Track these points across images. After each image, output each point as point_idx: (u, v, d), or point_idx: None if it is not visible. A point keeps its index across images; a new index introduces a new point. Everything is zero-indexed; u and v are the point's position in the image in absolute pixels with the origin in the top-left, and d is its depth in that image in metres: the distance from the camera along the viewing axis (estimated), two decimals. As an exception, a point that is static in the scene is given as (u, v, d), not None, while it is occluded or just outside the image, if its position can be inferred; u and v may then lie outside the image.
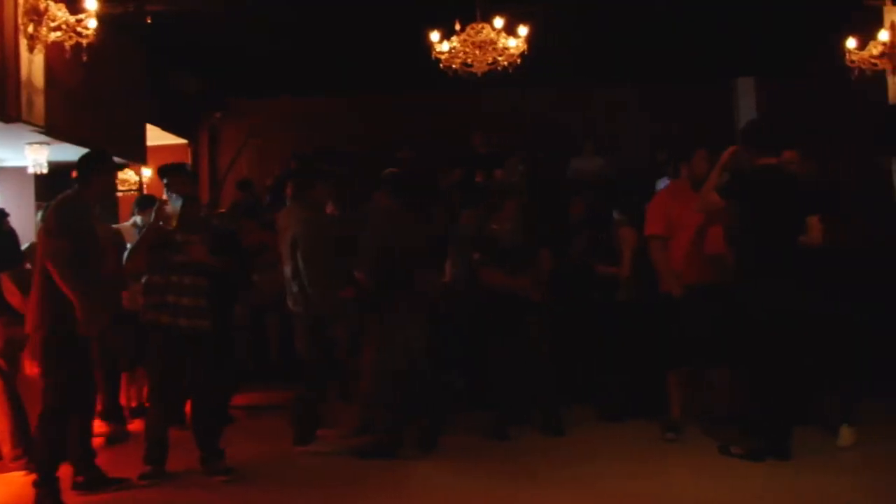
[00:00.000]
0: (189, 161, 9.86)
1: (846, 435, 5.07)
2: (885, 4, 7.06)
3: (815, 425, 5.32)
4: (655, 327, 5.49)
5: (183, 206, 4.53)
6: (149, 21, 6.96)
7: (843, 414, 5.14)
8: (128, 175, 9.30)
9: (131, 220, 6.49)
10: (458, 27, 6.81)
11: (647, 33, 9.01)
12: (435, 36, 6.97)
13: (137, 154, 7.35)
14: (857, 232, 5.19)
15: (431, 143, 9.60)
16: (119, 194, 9.10)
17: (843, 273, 5.03)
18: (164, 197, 4.65)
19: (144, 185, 8.81)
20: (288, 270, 5.47)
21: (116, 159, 5.50)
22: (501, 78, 7.24)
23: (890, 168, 7.39)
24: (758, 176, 4.90)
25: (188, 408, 5.50)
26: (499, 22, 6.76)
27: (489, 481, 4.77)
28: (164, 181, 4.72)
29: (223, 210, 9.10)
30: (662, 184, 7.83)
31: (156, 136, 9.49)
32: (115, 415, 5.89)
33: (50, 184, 7.01)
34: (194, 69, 9.47)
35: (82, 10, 5.48)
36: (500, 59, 6.93)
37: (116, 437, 5.79)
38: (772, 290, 4.72)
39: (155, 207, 4.69)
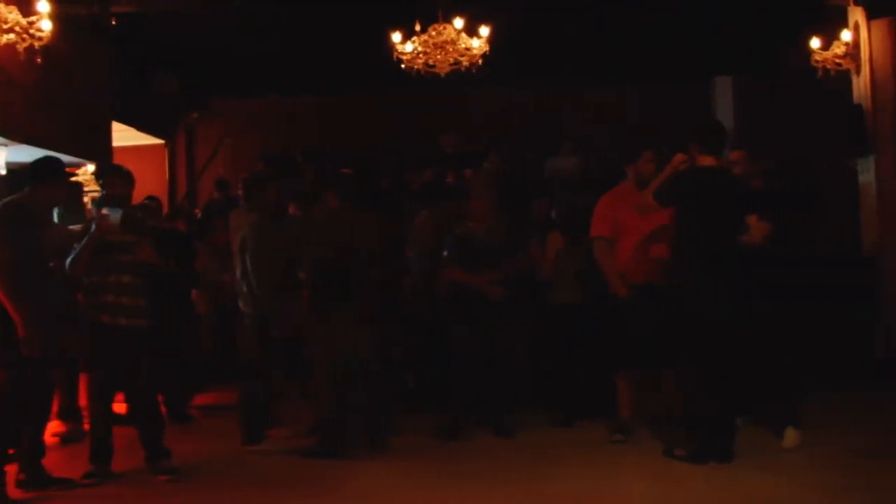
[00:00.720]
0: (166, 161, 9.93)
1: (791, 436, 5.06)
2: (848, 5, 7.05)
3: (762, 426, 5.33)
4: (606, 329, 5.48)
5: (123, 211, 4.57)
6: (113, 23, 6.99)
7: (788, 415, 5.13)
8: (101, 175, 9.36)
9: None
10: (417, 28, 6.83)
11: (625, 32, 9.03)
12: (397, 37, 7.00)
13: (101, 154, 7.39)
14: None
15: (417, 142, 9.58)
16: (94, 194, 9.18)
17: (786, 273, 5.02)
18: (104, 211, 4.67)
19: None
20: (238, 271, 5.52)
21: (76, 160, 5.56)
22: (486, 78, 7.28)
23: (855, 168, 7.36)
24: (695, 177, 4.88)
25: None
26: (459, 22, 6.78)
27: (433, 482, 4.78)
28: (100, 182, 4.75)
29: (197, 210, 9.16)
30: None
31: (132, 136, 9.57)
32: (71, 414, 5.93)
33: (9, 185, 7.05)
34: (171, 69, 9.50)
35: (35, 13, 5.51)
36: (461, 59, 6.95)
37: (72, 437, 5.82)
38: (710, 290, 4.71)
39: (95, 220, 4.71)
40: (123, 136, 9.38)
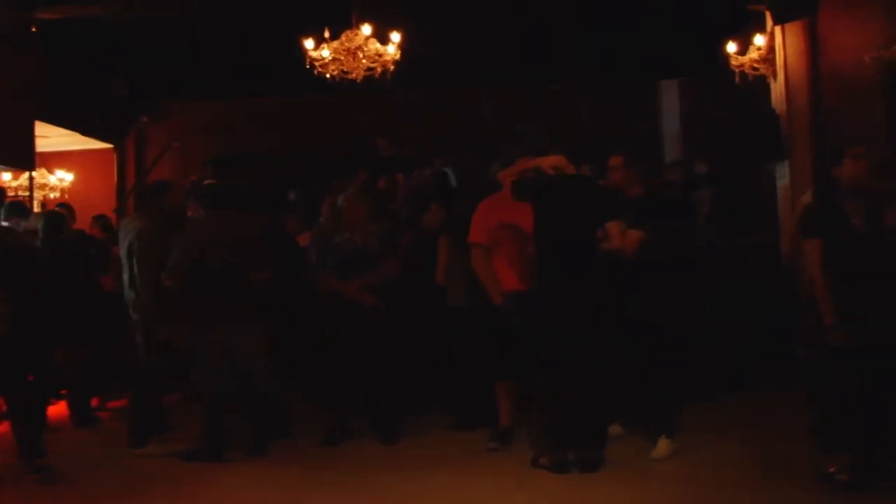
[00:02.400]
0: (114, 165, 10.05)
1: (662, 446, 5.03)
2: (765, 10, 7.00)
3: (643, 435, 5.30)
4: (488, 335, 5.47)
5: None
6: (34, 30, 7.10)
7: (661, 424, 5.10)
8: (47, 179, 9.53)
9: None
10: (327, 35, 6.88)
11: (564, 34, 8.98)
12: (309, 43, 7.04)
13: (23, 161, 7.49)
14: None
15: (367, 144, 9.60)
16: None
17: (655, 280, 4.99)
18: None
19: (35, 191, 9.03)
20: (126, 277, 5.61)
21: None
22: (434, 80, 7.11)
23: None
24: (550, 179, 4.86)
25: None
26: (367, 29, 6.81)
27: (295, 485, 4.86)
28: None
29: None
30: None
31: (80, 140, 9.71)
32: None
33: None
34: (121, 73, 9.56)
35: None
36: (373, 65, 6.99)
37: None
38: (558, 295, 4.70)
39: None
40: (70, 140, 9.56)
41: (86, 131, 9.38)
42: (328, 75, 7.04)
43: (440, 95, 10.12)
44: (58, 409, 6.58)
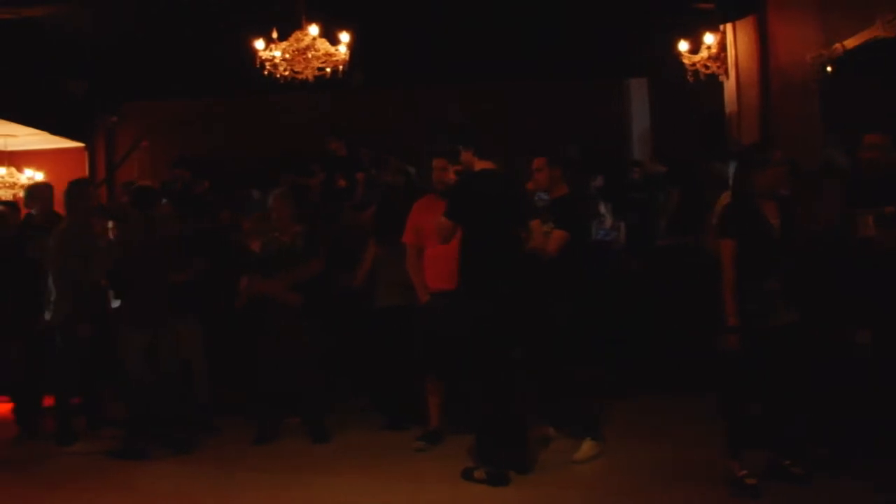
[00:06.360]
0: (86, 164, 10.11)
1: (585, 449, 4.98)
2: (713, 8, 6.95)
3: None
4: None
5: None
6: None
7: (585, 426, 5.06)
8: (16, 178, 9.62)
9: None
10: (275, 35, 6.90)
11: (535, 32, 8.93)
12: (260, 44, 7.06)
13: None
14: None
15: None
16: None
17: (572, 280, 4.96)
18: None
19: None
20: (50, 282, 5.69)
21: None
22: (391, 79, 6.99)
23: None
24: (473, 181, 4.80)
25: None
26: (314, 29, 6.83)
27: (197, 485, 4.89)
28: None
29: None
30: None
31: (52, 139, 9.79)
32: None
33: None
34: (86, 71, 9.57)
35: None
36: (325, 66, 7.00)
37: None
38: (480, 298, 4.63)
39: None
40: (41, 139, 9.65)
41: (54, 130, 9.45)
42: (278, 75, 7.05)
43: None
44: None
